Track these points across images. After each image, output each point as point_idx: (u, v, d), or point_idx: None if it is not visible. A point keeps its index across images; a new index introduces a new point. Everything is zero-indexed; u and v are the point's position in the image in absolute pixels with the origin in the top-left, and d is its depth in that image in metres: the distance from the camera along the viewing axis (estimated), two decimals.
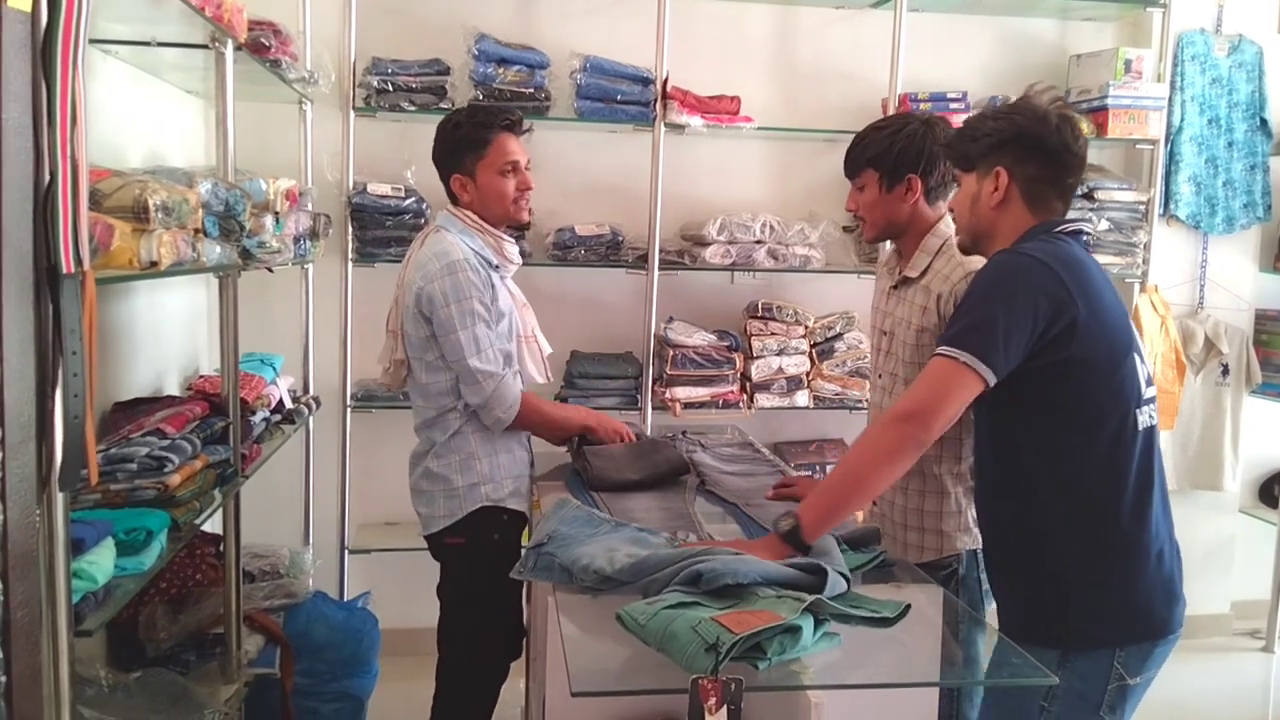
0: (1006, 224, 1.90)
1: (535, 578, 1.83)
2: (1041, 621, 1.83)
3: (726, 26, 3.81)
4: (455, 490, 2.44)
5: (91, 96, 2.41)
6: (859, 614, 1.57)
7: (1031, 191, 1.88)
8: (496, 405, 2.37)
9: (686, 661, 1.39)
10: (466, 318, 2.33)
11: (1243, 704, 3.86)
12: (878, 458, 1.79)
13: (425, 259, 2.40)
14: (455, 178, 2.48)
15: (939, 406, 1.76)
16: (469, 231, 2.46)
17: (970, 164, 1.94)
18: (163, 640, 2.51)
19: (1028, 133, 1.87)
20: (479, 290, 2.36)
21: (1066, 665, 1.77)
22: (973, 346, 1.74)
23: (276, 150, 3.46)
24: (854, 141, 2.33)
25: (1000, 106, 2.00)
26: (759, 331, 3.75)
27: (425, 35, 3.55)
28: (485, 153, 2.45)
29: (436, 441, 2.46)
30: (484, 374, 2.35)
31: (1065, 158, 1.88)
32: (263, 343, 3.44)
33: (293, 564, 3.10)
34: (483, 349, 2.35)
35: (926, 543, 2.25)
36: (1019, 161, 1.88)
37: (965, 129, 1.97)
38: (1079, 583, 1.80)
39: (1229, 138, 4.06)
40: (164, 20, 2.22)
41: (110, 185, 1.80)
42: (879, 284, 2.47)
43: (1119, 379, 1.79)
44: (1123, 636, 1.79)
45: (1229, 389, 4.15)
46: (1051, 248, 1.82)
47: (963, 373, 1.74)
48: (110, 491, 1.96)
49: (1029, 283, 1.76)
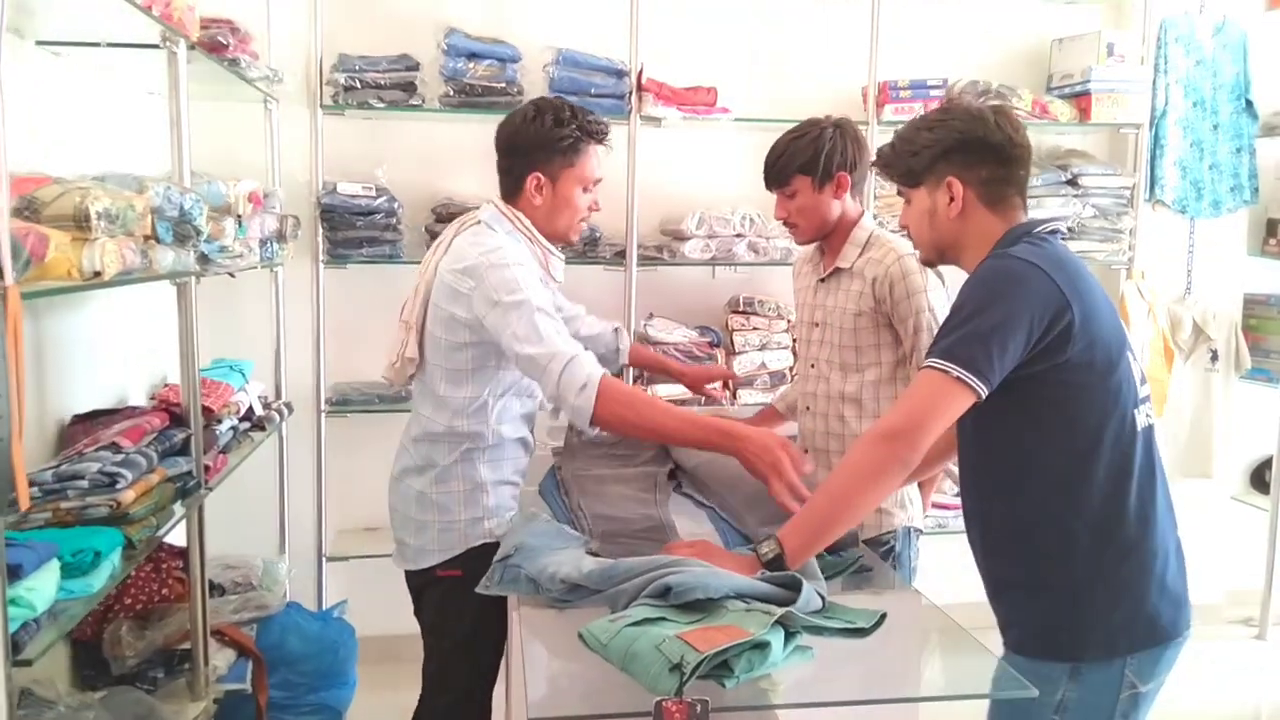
0: (972, 232, 1.84)
1: (501, 590, 1.77)
2: (1050, 634, 1.75)
3: (703, 16, 3.74)
4: (454, 523, 2.17)
5: (41, 100, 2.36)
6: (832, 626, 1.51)
7: (989, 194, 1.82)
8: (568, 390, 1.95)
9: (650, 682, 1.33)
10: (522, 308, 2.00)
11: (1236, 692, 3.82)
12: (863, 479, 1.71)
13: (466, 255, 2.10)
14: (535, 176, 2.19)
15: (927, 423, 1.67)
16: (517, 236, 2.19)
17: (916, 179, 1.87)
18: (129, 658, 2.44)
19: (969, 136, 1.80)
20: (532, 284, 2.05)
21: (1078, 678, 1.71)
22: (964, 359, 1.65)
23: (244, 151, 3.39)
24: (774, 155, 2.50)
25: (931, 115, 1.91)
26: (741, 326, 3.69)
27: (393, 31, 3.48)
28: (577, 162, 2.20)
29: (439, 463, 2.17)
30: (545, 358, 1.97)
31: (1012, 152, 1.82)
32: (233, 348, 3.37)
33: (266, 574, 3.04)
34: (543, 335, 1.98)
35: (866, 520, 2.37)
36: (967, 167, 1.81)
37: (902, 145, 1.89)
38: (1088, 592, 1.72)
39: (1214, 120, 4.01)
40: (113, 20, 2.15)
41: (49, 193, 1.73)
42: (801, 280, 2.68)
43: (1117, 379, 1.72)
44: (1133, 644, 1.73)
45: (1218, 375, 4.11)
46: (1040, 250, 1.74)
47: (953, 387, 1.65)
48: (61, 510, 1.90)
49: (1023, 289, 1.68)
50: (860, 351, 2.50)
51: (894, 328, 2.46)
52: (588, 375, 1.96)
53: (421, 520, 2.20)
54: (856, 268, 2.47)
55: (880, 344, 2.48)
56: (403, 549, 2.27)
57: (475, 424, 2.16)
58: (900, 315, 2.42)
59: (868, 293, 2.43)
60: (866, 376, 2.49)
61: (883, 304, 2.44)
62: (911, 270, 2.41)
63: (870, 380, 2.49)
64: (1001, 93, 3.63)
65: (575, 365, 1.97)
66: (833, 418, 2.54)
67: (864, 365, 2.50)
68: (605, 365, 2.11)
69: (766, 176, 2.55)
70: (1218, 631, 4.24)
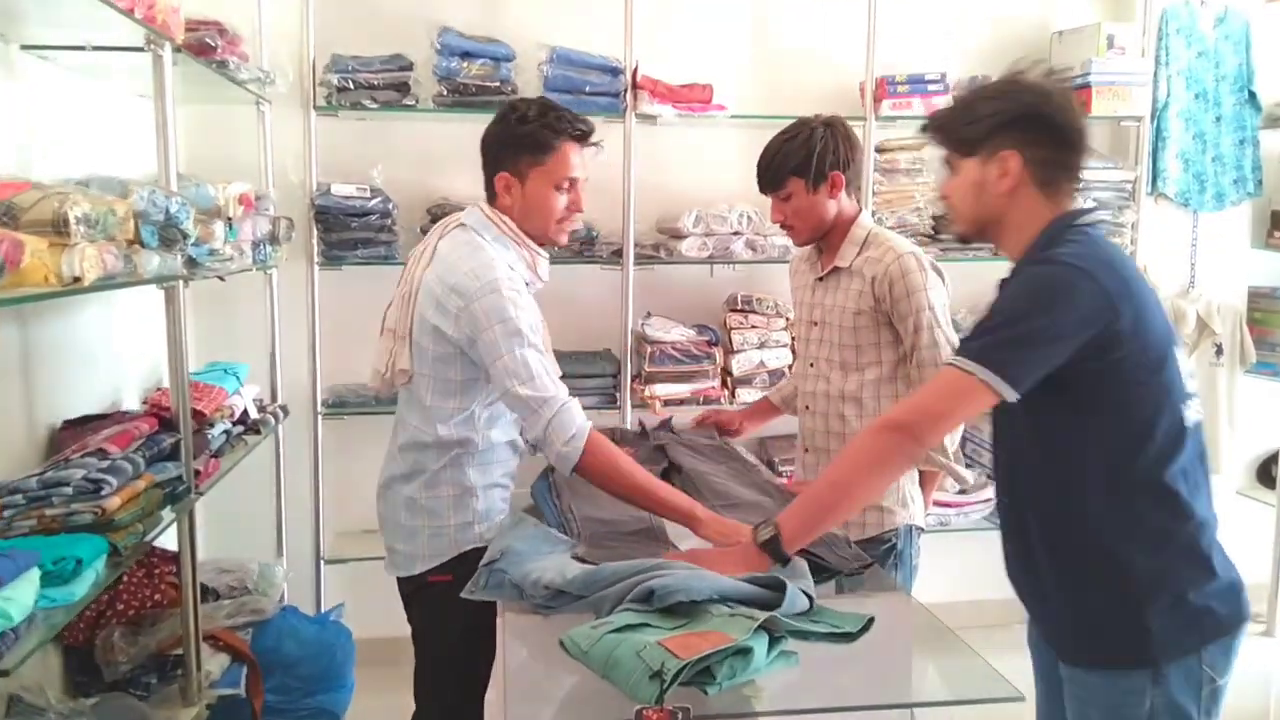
0: (1019, 212, 1.75)
1: (486, 596, 1.75)
2: (1122, 641, 1.69)
3: (698, 13, 3.71)
4: (444, 528, 2.14)
5: (26, 104, 2.35)
6: (818, 630, 1.49)
7: (1044, 176, 1.73)
8: (556, 437, 1.98)
9: (630, 690, 1.31)
10: (513, 340, 1.99)
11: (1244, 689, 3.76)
12: (866, 468, 1.68)
13: (455, 270, 2.06)
14: (503, 176, 2.14)
15: (938, 418, 1.65)
16: (504, 240, 2.14)
17: (970, 148, 1.77)
18: (121, 663, 2.44)
19: (1035, 111, 1.71)
20: (524, 310, 2.03)
21: (1160, 682, 1.66)
22: (995, 363, 1.60)
23: (238, 153, 3.38)
24: (767, 158, 2.50)
25: (994, 84, 1.81)
26: (739, 325, 3.66)
27: (386, 30, 3.46)
28: (545, 159, 2.12)
29: (427, 469, 2.14)
30: (536, 401, 1.98)
31: (1074, 137, 1.73)
32: (228, 351, 3.37)
33: (261, 578, 3.03)
34: (534, 375, 1.99)
35: (867, 519, 2.44)
36: (1028, 143, 1.71)
37: (960, 111, 1.80)
38: (1153, 593, 1.66)
39: (1217, 112, 3.96)
40: (97, 23, 2.13)
41: (28, 199, 1.71)
42: (799, 279, 2.68)
43: (1167, 375, 1.67)
44: (1204, 637, 1.68)
45: (1223, 369, 4.06)
46: (1088, 250, 1.66)
47: (975, 388, 1.60)
48: (46, 517, 1.89)
49: (1070, 298, 1.61)
50: (860, 350, 2.48)
51: (894, 326, 2.44)
52: (578, 427, 2.00)
53: (411, 526, 2.17)
54: (855, 266, 2.46)
55: (880, 343, 2.46)
56: (394, 556, 2.24)
57: (464, 431, 2.13)
58: (900, 314, 2.40)
59: (867, 291, 2.43)
60: (867, 375, 2.47)
61: (882, 303, 2.42)
62: (911, 269, 2.39)
63: (870, 379, 2.47)
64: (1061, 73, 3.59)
65: (565, 413, 2.00)
66: (833, 417, 2.52)
67: (864, 364, 2.48)
68: None
69: (760, 180, 2.54)
70: None
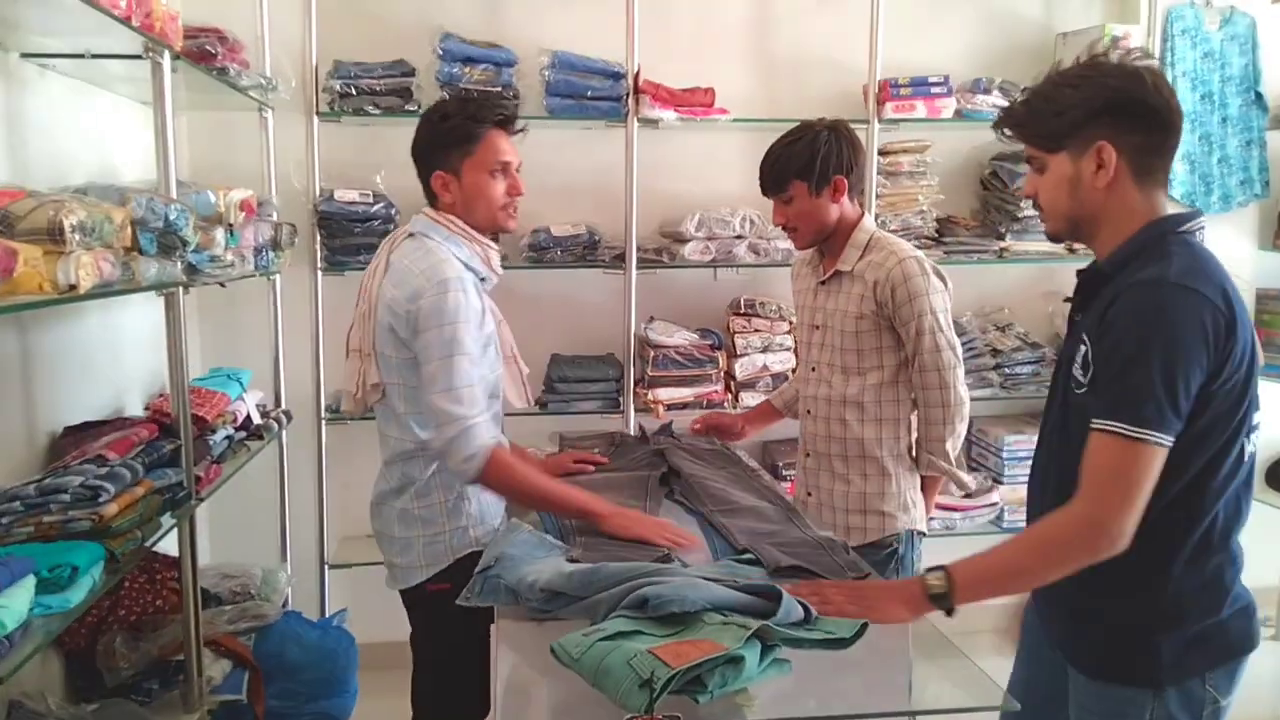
0: (1116, 207, 1.64)
1: (482, 601, 1.74)
2: (1131, 661, 1.67)
3: (700, 16, 3.71)
4: (439, 535, 2.17)
5: (28, 112, 2.36)
6: (811, 637, 1.48)
7: (1140, 165, 1.62)
8: (454, 453, 2.04)
9: (620, 698, 1.30)
10: (447, 346, 2.03)
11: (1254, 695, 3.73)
12: (1055, 561, 1.58)
13: (410, 274, 2.09)
14: (438, 175, 2.19)
15: (1127, 506, 1.52)
16: (455, 239, 2.18)
17: (1057, 143, 1.65)
18: (123, 669, 2.44)
19: (1126, 96, 1.59)
20: (465, 315, 2.06)
21: (1161, 699, 1.65)
22: (1142, 418, 1.50)
23: (242, 159, 3.39)
24: (769, 161, 2.50)
25: (1075, 71, 1.66)
26: (742, 329, 3.65)
27: (389, 36, 3.46)
28: (474, 149, 2.17)
29: (416, 479, 2.17)
30: (446, 415, 2.03)
31: (1170, 118, 1.61)
32: (232, 357, 3.39)
33: (265, 583, 3.03)
34: (454, 386, 2.03)
35: (869, 524, 2.47)
36: (1121, 131, 1.60)
37: (1041, 103, 1.67)
38: (1175, 619, 1.64)
39: (1223, 113, 3.94)
40: (95, 32, 2.14)
41: (23, 207, 1.72)
42: (800, 283, 2.68)
43: (1246, 407, 1.59)
44: (1212, 661, 1.66)
45: None
46: (1200, 265, 1.57)
47: (1139, 451, 1.51)
48: (43, 525, 1.89)
49: (1196, 329, 1.51)
50: (862, 355, 2.48)
51: (896, 331, 2.44)
52: (475, 448, 2.04)
53: (406, 538, 2.19)
54: (858, 270, 2.47)
55: (882, 347, 2.46)
56: (393, 570, 2.26)
57: None
58: (902, 319, 2.40)
59: (869, 296, 2.43)
60: (868, 380, 2.47)
61: (884, 307, 2.42)
62: (913, 273, 2.39)
63: (872, 383, 2.47)
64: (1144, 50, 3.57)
65: (466, 435, 2.03)
66: (834, 421, 2.52)
67: (866, 369, 2.47)
68: None
69: (762, 183, 2.54)
70: None
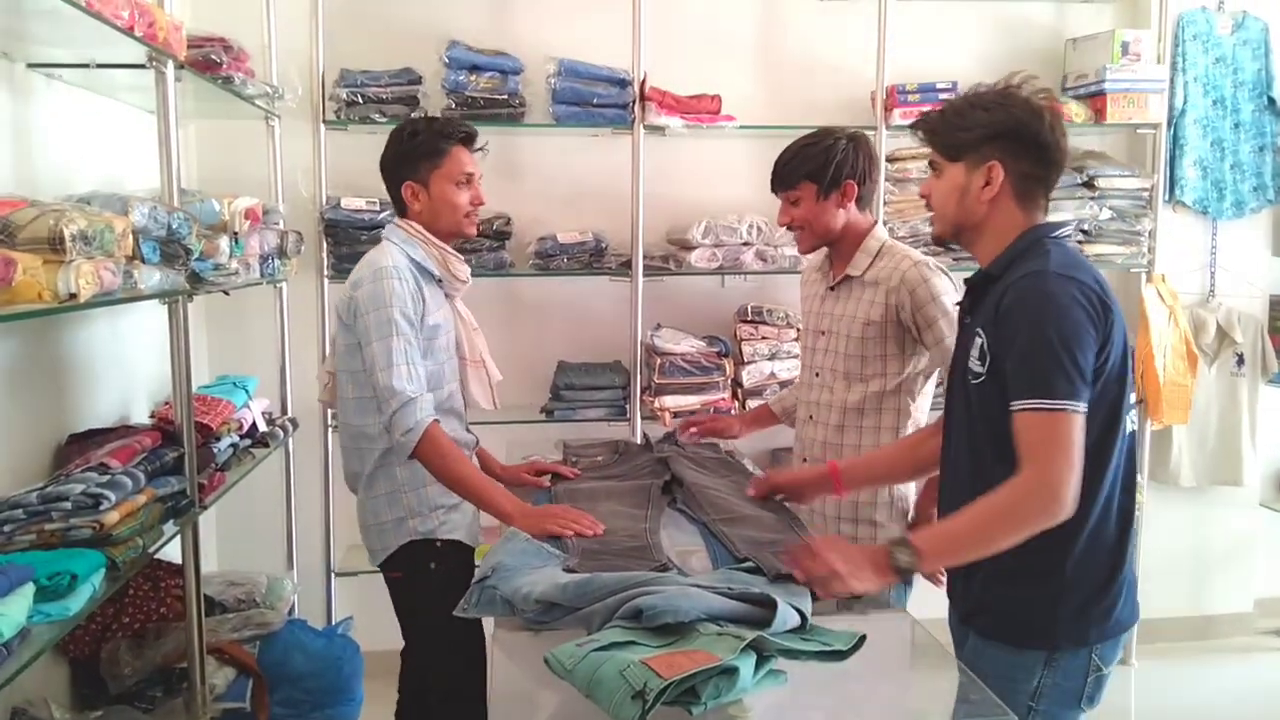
0: (996, 220, 1.83)
1: (478, 613, 1.74)
2: (1029, 625, 1.80)
3: (707, 23, 3.71)
4: (384, 525, 2.38)
5: (35, 122, 2.38)
6: (807, 649, 1.47)
7: (1023, 189, 1.81)
8: (395, 427, 2.18)
9: (613, 709, 1.29)
10: (384, 327, 2.21)
11: (1268, 704, 3.72)
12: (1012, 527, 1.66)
13: (359, 266, 2.35)
14: (408, 185, 2.40)
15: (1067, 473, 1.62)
16: (412, 242, 2.38)
17: (958, 154, 1.84)
18: (127, 676, 2.45)
19: (1024, 128, 1.78)
20: (401, 300, 2.24)
21: (1052, 664, 1.78)
22: (1058, 391, 1.64)
23: (249, 167, 3.40)
24: (785, 159, 2.50)
25: (989, 94, 1.86)
26: (749, 336, 3.64)
27: (395, 45, 3.47)
28: (441, 163, 2.39)
29: (363, 472, 2.39)
30: (388, 390, 2.18)
31: (1056, 156, 1.81)
32: (239, 364, 3.39)
33: (270, 591, 3.03)
34: (394, 364, 2.19)
35: (860, 534, 2.46)
36: (1013, 156, 1.79)
37: (952, 116, 1.86)
38: (1072, 586, 1.76)
39: (1235, 118, 3.91)
40: (100, 42, 2.15)
41: (24, 216, 1.72)
42: (809, 288, 2.66)
43: (1124, 385, 1.75)
44: (1102, 633, 1.80)
45: (1244, 379, 4.00)
46: (1074, 259, 1.76)
47: (1066, 419, 1.63)
48: (45, 532, 1.90)
49: (1080, 309, 1.67)
50: (865, 361, 2.46)
51: (901, 340, 2.43)
52: (416, 422, 2.17)
53: (364, 524, 2.44)
54: (869, 276, 2.46)
55: (886, 355, 2.45)
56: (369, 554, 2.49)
57: (379, 427, 2.27)
58: (926, 318, 2.40)
59: (880, 301, 2.42)
60: (870, 387, 2.46)
61: (900, 310, 2.41)
62: (929, 275, 2.41)
63: (874, 391, 2.46)
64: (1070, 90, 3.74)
65: (407, 409, 2.17)
66: (833, 428, 2.51)
67: (869, 375, 2.46)
68: None
69: (773, 178, 2.55)
70: (1248, 642, 4.14)
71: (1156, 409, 3.78)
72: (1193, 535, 4.16)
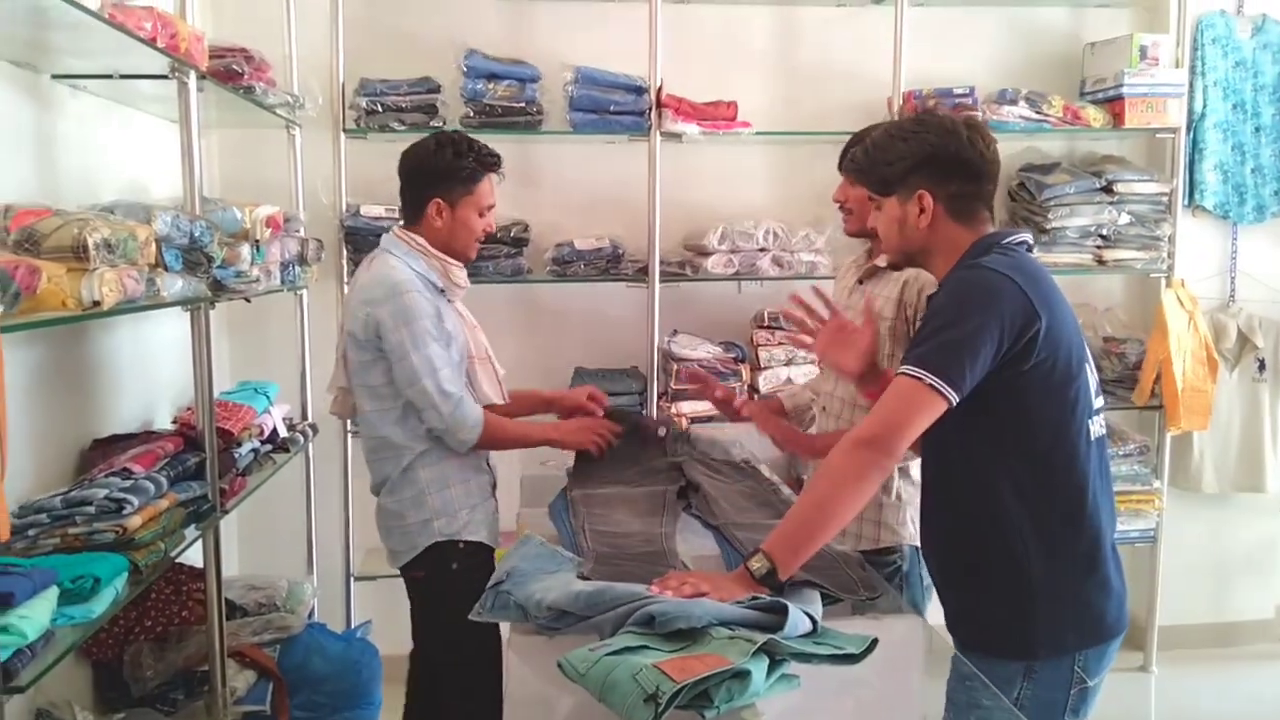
0: (939, 242, 1.88)
1: (492, 618, 1.75)
2: (1004, 634, 1.81)
3: (723, 30, 3.72)
4: (409, 527, 2.41)
5: (60, 132, 2.42)
6: (820, 653, 1.47)
7: (957, 208, 1.86)
8: (459, 428, 2.32)
9: (626, 713, 1.30)
10: (421, 338, 2.29)
11: None
12: (844, 485, 1.72)
13: (368, 283, 2.37)
14: (435, 202, 2.42)
15: (902, 428, 1.70)
16: (414, 255, 2.42)
17: (888, 188, 1.90)
18: (149, 679, 2.48)
19: (942, 150, 1.83)
20: (427, 312, 2.31)
21: (1031, 676, 1.79)
22: (937, 367, 1.69)
23: (270, 175, 3.44)
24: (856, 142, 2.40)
25: (905, 124, 1.96)
26: (766, 341, 3.65)
27: (414, 54, 3.50)
28: (474, 191, 2.44)
29: (389, 477, 2.43)
30: (443, 395, 2.30)
31: (983, 168, 1.86)
32: (260, 370, 3.42)
33: (290, 595, 3.06)
34: (437, 369, 2.29)
35: (864, 531, 2.41)
36: (938, 181, 1.84)
37: (875, 153, 1.92)
38: (1043, 593, 1.78)
39: (1256, 122, 3.89)
40: (123, 53, 2.18)
41: (49, 225, 1.76)
42: (842, 280, 2.63)
43: (1075, 389, 1.78)
44: (1082, 641, 1.80)
45: (1266, 385, 3.96)
46: (1011, 260, 1.79)
47: (927, 394, 1.69)
48: (69, 536, 1.93)
49: (996, 299, 1.72)
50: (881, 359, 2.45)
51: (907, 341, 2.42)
52: (476, 417, 2.35)
53: (386, 526, 2.47)
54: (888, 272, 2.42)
55: (894, 355, 2.44)
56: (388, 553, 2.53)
57: (404, 435, 2.38)
58: None
59: (893, 298, 2.39)
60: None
61: (907, 309, 2.39)
62: None
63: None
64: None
65: (462, 408, 2.32)
66: (845, 421, 2.50)
67: None
68: None
69: (841, 158, 2.51)
70: (1270, 649, 4.10)
71: (1175, 414, 3.76)
72: (1215, 541, 4.12)
